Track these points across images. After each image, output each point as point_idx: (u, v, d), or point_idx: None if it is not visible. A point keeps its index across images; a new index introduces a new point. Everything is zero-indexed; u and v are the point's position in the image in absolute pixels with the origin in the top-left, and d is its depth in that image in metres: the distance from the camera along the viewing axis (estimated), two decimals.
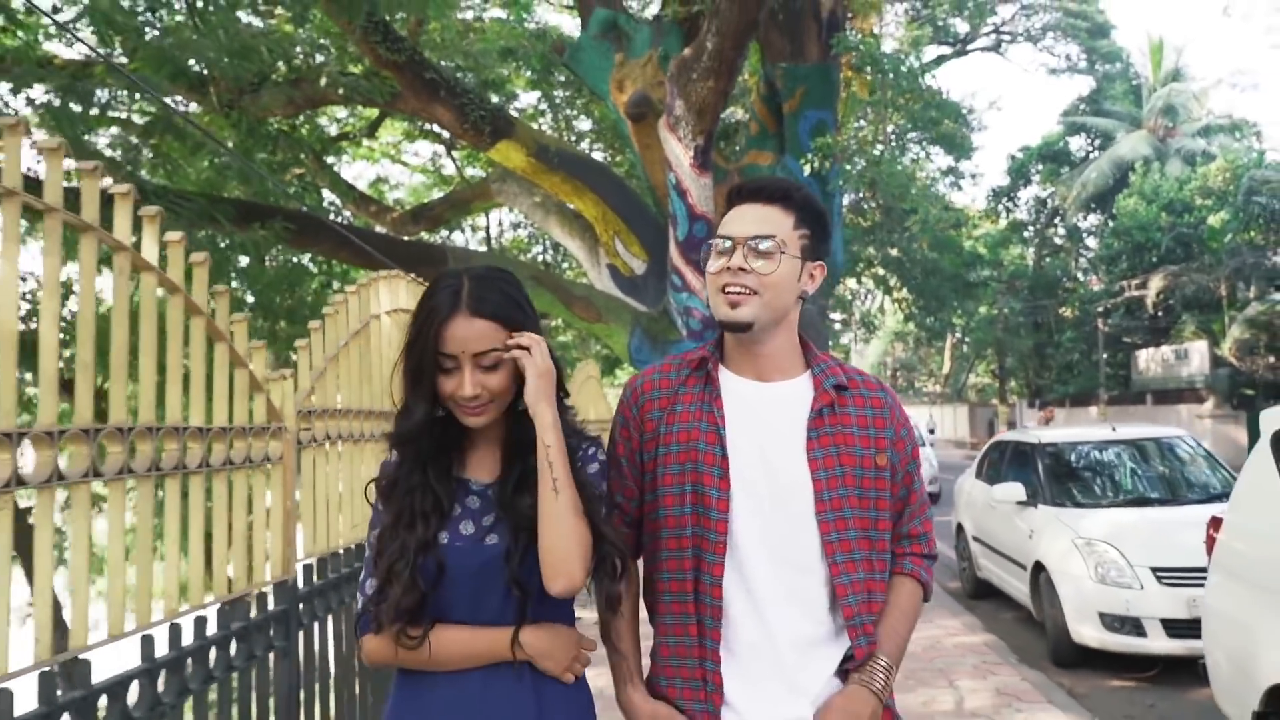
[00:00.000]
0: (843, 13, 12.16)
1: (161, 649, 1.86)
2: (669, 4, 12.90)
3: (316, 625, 2.57)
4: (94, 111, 9.35)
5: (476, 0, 16.86)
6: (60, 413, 1.61)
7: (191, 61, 8.30)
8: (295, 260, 12.39)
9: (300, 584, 2.48)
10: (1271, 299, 20.81)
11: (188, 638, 1.96)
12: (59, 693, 1.56)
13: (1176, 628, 4.66)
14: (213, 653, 2.03)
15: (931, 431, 25.77)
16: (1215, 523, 3.40)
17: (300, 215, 10.04)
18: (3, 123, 1.55)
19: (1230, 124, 27.17)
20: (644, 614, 1.50)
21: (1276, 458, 3.08)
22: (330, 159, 15.89)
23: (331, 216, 14.45)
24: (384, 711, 1.38)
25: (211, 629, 2.05)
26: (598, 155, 18.26)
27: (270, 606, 2.33)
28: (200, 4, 8.03)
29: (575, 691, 1.37)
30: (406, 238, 15.10)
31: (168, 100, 10.02)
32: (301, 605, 2.46)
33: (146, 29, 7.88)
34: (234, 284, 10.18)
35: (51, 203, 1.62)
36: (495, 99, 14.93)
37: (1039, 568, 5.45)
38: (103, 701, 1.66)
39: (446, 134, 15.91)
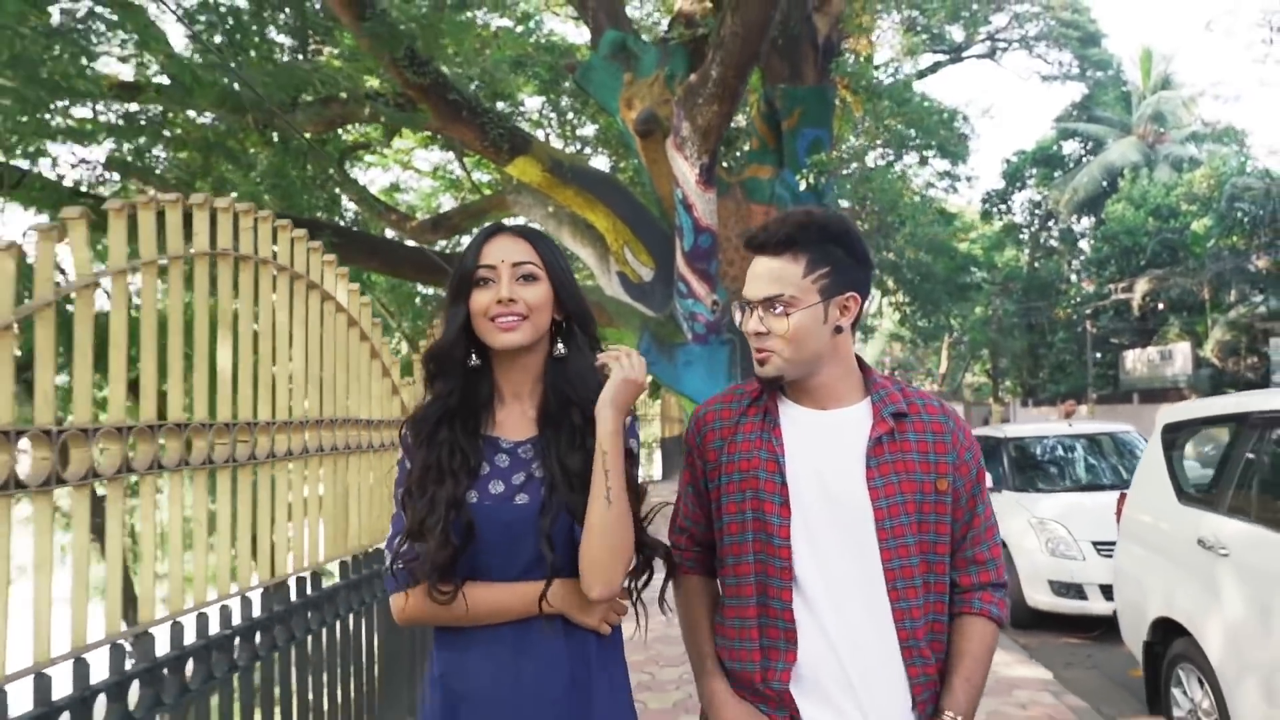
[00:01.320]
0: (838, 38, 12.99)
1: (304, 593, 2.71)
2: (675, 27, 13.69)
3: None
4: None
5: (485, 13, 17.53)
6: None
7: (234, 86, 9.13)
8: None
9: None
10: (1252, 302, 21.69)
11: (303, 587, 2.80)
12: (290, 597, 2.40)
13: (1111, 591, 5.50)
14: (362, 587, 2.88)
15: None
16: (1122, 498, 4.25)
17: (339, 228, 10.88)
18: (241, 208, 2.37)
19: (1214, 132, 27.96)
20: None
21: (1164, 445, 3.92)
22: (345, 166, 16.65)
23: (347, 225, 15.27)
24: (426, 670, 1.41)
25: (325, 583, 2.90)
26: (602, 160, 19.07)
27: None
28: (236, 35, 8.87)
29: (609, 645, 1.39)
30: (411, 242, 15.92)
31: (211, 118, 10.88)
32: None
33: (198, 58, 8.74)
34: None
35: (292, 269, 2.46)
36: (502, 105, 15.73)
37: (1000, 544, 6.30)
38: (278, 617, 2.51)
39: (457, 142, 16.68)
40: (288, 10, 10.84)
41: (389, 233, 16.42)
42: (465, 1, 13.90)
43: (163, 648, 1.86)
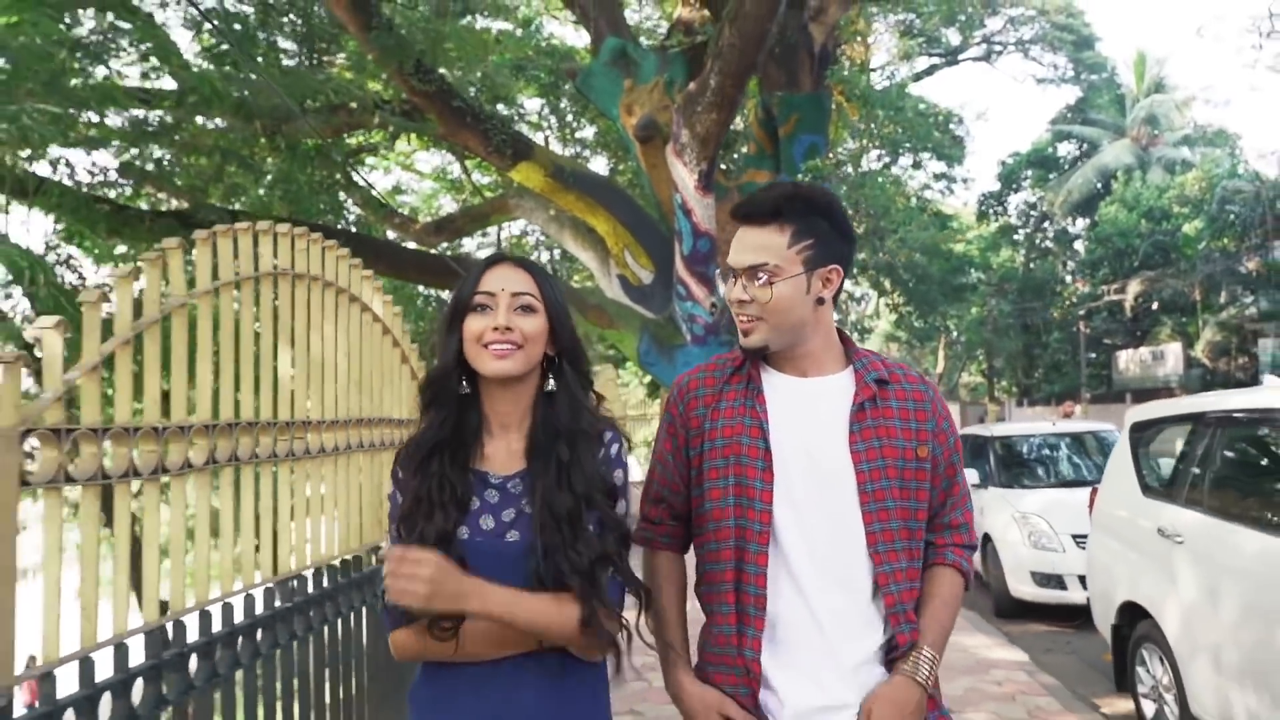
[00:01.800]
0: (833, 46, 13.29)
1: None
2: (674, 35, 13.97)
3: None
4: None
5: (486, 18, 17.75)
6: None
7: (246, 94, 9.42)
8: None
9: None
10: (1242, 303, 22.05)
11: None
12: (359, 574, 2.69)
13: None
14: None
15: None
16: (1094, 492, 4.55)
17: (348, 233, 11.22)
18: (297, 233, 2.65)
19: (1206, 136, 28.27)
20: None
21: (1131, 443, 4.22)
22: (349, 169, 16.92)
23: (354, 228, 15.57)
24: (410, 700, 1.38)
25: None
26: (601, 162, 19.37)
27: None
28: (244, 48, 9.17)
29: (594, 671, 1.38)
30: (412, 245, 16.23)
31: (222, 125, 11.17)
32: None
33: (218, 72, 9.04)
34: None
35: (345, 287, 2.75)
36: (503, 109, 16.04)
37: (986, 538, 6.60)
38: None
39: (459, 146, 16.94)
40: (293, 17, 11.13)
41: (389, 234, 16.73)
42: (468, 6, 14.18)
43: (226, 620, 2.14)
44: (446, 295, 15.27)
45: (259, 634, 2.16)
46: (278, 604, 2.28)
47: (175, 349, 1.89)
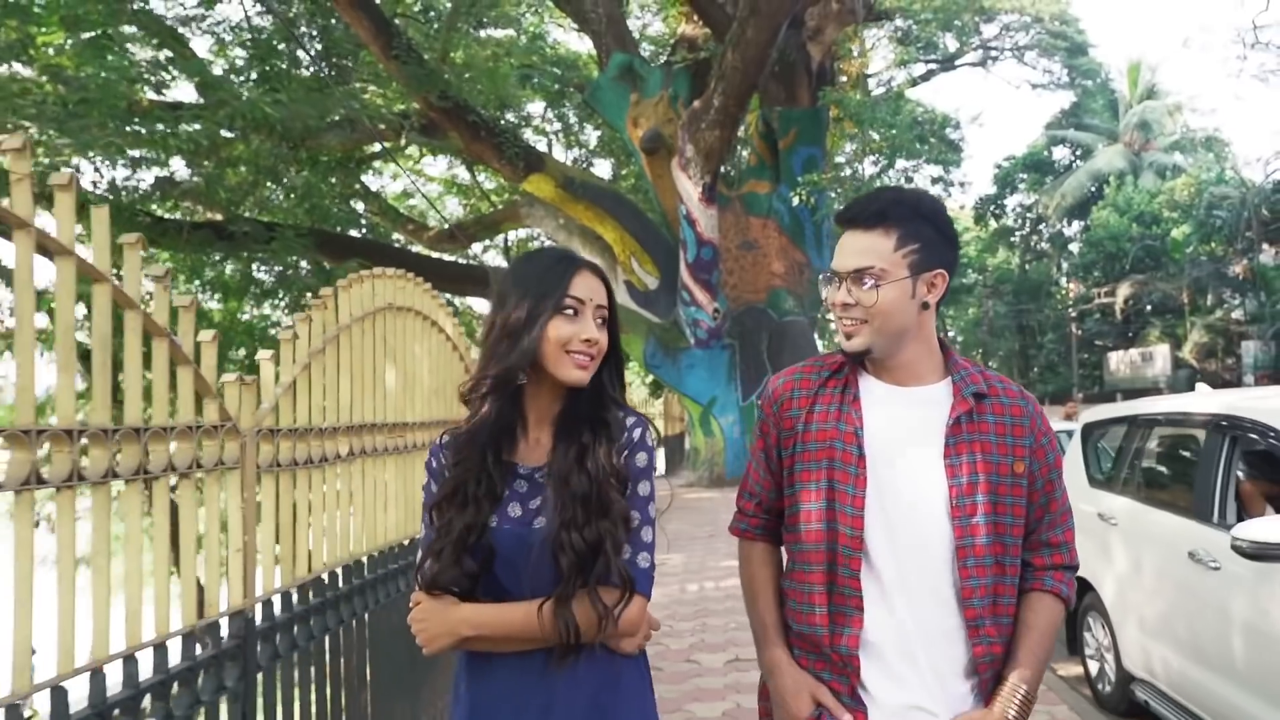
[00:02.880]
0: (830, 63, 13.93)
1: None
2: (678, 51, 14.56)
3: None
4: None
5: (497, 30, 18.31)
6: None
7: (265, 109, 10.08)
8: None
9: None
10: (1229, 305, 22.72)
11: None
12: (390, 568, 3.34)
13: None
14: None
15: None
16: None
17: (370, 243, 11.88)
18: (396, 274, 3.29)
19: (1195, 142, 28.82)
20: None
21: (1083, 442, 4.87)
22: (361, 175, 17.52)
23: (365, 233, 16.20)
24: (452, 692, 1.44)
25: None
26: (605, 166, 20.00)
27: None
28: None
29: (638, 674, 1.41)
30: (416, 248, 16.81)
31: (244, 139, 11.82)
32: None
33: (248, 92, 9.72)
34: None
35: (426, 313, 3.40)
36: (511, 116, 16.64)
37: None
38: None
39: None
40: (313, 32, 11.77)
41: (396, 237, 17.37)
42: (480, 22, 14.78)
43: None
44: (459, 301, 16.02)
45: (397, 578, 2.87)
46: (378, 569, 2.94)
47: (327, 367, 2.54)
